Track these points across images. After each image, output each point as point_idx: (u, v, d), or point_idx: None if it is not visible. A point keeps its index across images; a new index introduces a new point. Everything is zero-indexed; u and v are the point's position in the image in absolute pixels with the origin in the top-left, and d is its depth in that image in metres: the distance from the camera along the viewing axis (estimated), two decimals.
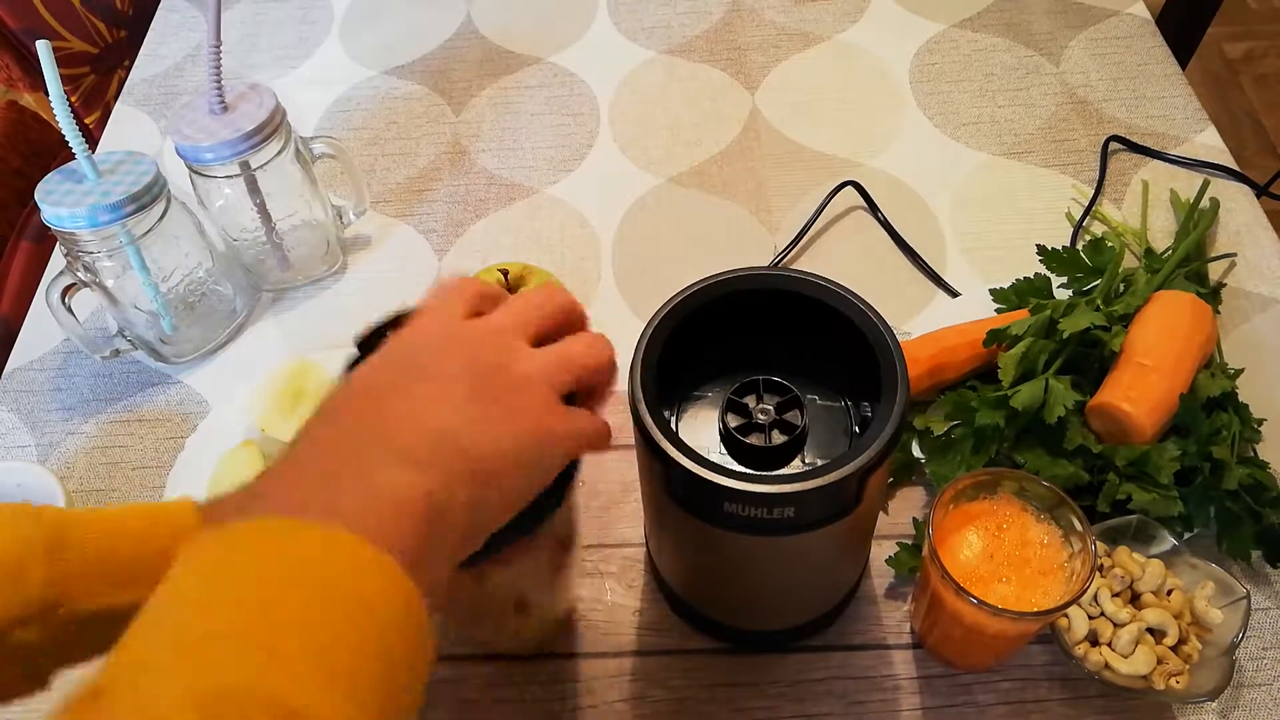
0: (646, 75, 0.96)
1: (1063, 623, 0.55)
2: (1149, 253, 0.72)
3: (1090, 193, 0.82)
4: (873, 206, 0.82)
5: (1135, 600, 0.55)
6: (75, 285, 0.67)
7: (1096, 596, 0.55)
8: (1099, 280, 0.68)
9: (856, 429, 0.51)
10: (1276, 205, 0.86)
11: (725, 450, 0.51)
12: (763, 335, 0.52)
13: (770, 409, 0.50)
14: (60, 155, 1.06)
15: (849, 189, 0.82)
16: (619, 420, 0.70)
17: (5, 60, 1.09)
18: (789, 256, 0.80)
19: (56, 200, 0.63)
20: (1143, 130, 0.87)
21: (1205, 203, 0.77)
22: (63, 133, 0.61)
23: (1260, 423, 0.63)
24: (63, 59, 1.11)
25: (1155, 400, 0.59)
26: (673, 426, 0.50)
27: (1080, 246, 0.73)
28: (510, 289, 0.72)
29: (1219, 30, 2.08)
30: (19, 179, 1.02)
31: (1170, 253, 0.71)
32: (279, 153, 0.71)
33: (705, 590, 0.57)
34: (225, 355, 0.76)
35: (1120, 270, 0.68)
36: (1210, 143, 0.85)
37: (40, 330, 0.79)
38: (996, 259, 0.78)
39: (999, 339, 0.64)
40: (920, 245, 0.79)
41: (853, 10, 1.01)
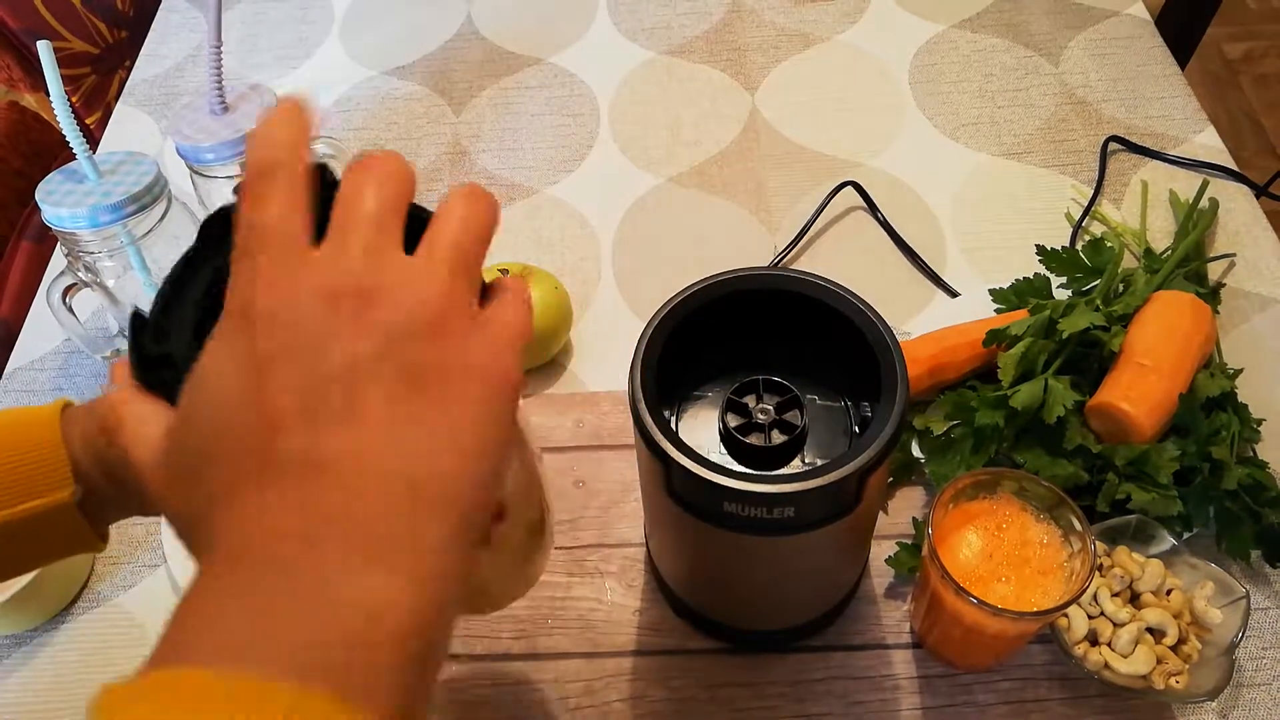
0: (646, 76, 0.96)
1: (1062, 622, 0.55)
2: (1148, 253, 0.73)
3: (1089, 193, 0.82)
4: (872, 207, 0.82)
5: (1135, 600, 0.55)
6: (76, 285, 0.67)
7: (1096, 596, 0.55)
8: (1098, 280, 0.68)
9: (856, 429, 0.51)
10: (1275, 205, 0.86)
11: (725, 450, 0.51)
12: (763, 335, 0.52)
13: (770, 409, 0.50)
14: (61, 155, 1.06)
15: (849, 189, 0.83)
16: (619, 420, 0.71)
17: (6, 60, 1.09)
18: (789, 256, 0.80)
19: (57, 200, 0.63)
20: (1142, 130, 0.87)
21: (1204, 203, 0.77)
22: (63, 133, 0.62)
23: (1259, 423, 0.63)
24: (64, 59, 1.11)
25: (1155, 400, 0.59)
26: (673, 426, 0.50)
27: (1080, 247, 0.73)
28: None
29: (1218, 30, 2.08)
30: (20, 179, 1.02)
31: (1169, 253, 0.71)
32: None
33: (705, 590, 0.57)
34: None
35: (1120, 270, 0.69)
36: (1209, 143, 0.85)
37: (41, 330, 0.79)
38: (996, 259, 0.78)
39: (998, 339, 0.64)
40: (920, 245, 0.79)
41: (852, 11, 1.01)
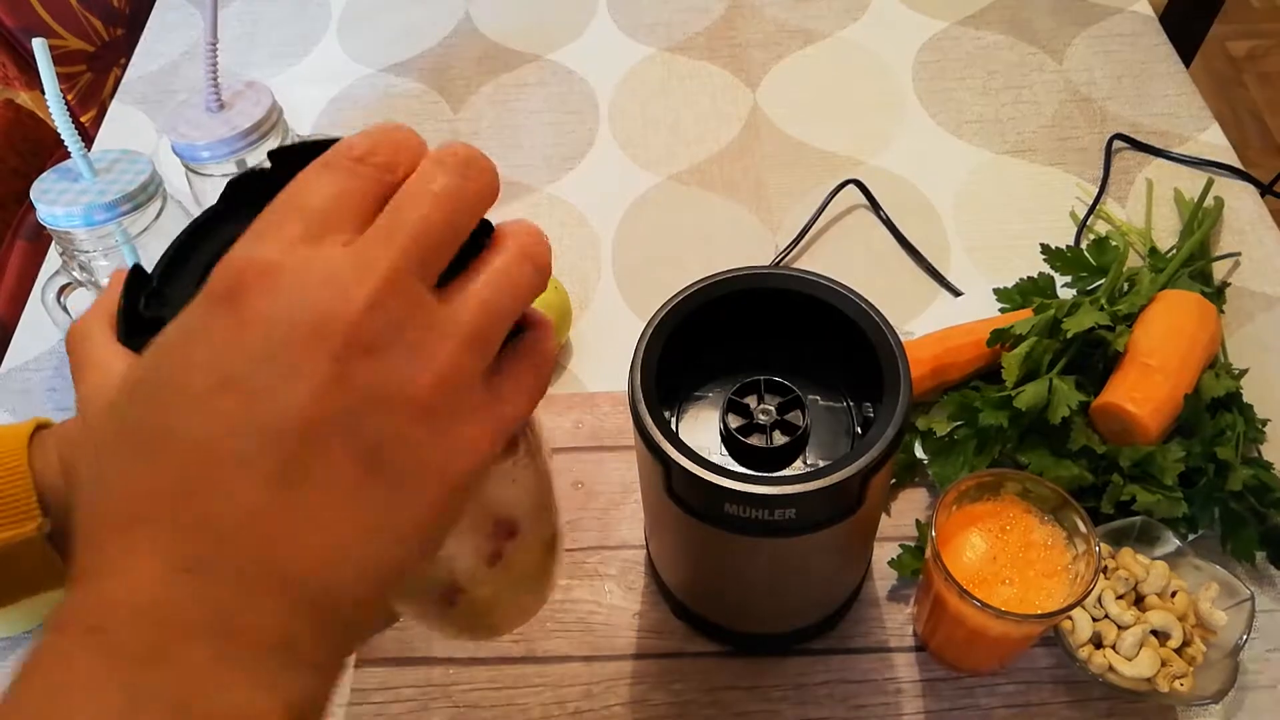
0: (646, 73, 0.96)
1: (1066, 625, 0.54)
2: (1153, 252, 0.72)
3: (1094, 191, 0.81)
4: (875, 205, 0.81)
5: (1139, 602, 0.55)
6: (71, 284, 0.67)
7: (1100, 599, 0.54)
8: (1103, 279, 0.68)
9: (859, 429, 0.51)
10: None
11: (726, 451, 0.50)
12: (763, 335, 0.51)
13: (771, 409, 0.49)
14: (56, 153, 1.06)
15: (851, 187, 0.82)
16: (619, 421, 0.70)
17: (1, 58, 1.09)
18: (790, 256, 0.79)
19: (52, 199, 0.63)
20: (1146, 128, 0.86)
21: (1209, 201, 0.76)
22: (58, 131, 0.61)
23: (1265, 423, 0.62)
24: (59, 57, 1.11)
25: (1160, 401, 0.59)
26: (673, 426, 0.50)
27: (1084, 245, 0.73)
28: None
29: (1223, 28, 2.07)
30: (15, 177, 1.01)
31: (1174, 252, 0.71)
32: None
33: (706, 593, 0.57)
34: None
35: (1124, 269, 0.68)
36: (1214, 141, 0.85)
37: (36, 330, 0.79)
38: (1000, 258, 0.78)
39: (1002, 339, 0.63)
40: (923, 244, 0.79)
41: (854, 7, 1.00)
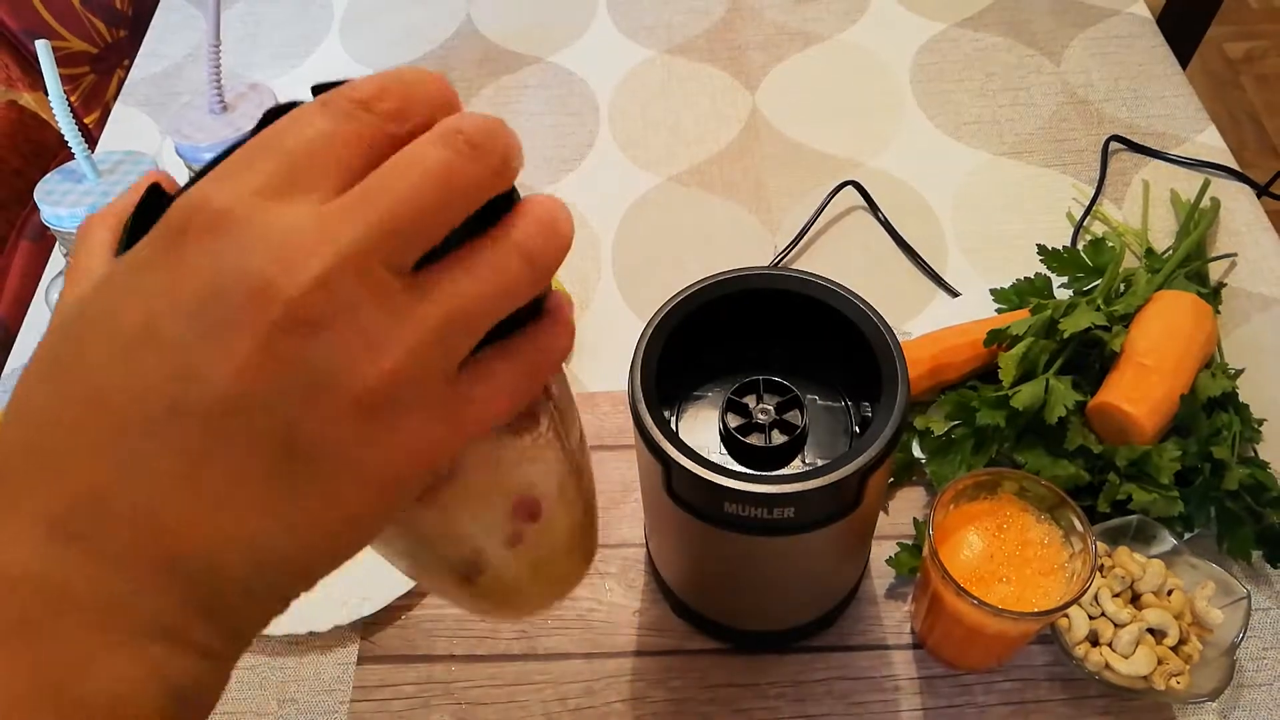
0: (646, 75, 0.96)
1: (1063, 623, 0.55)
2: (1150, 253, 0.72)
3: (1091, 192, 0.81)
4: (873, 206, 0.82)
5: (1136, 600, 0.55)
6: None
7: (1097, 597, 0.55)
8: (1099, 280, 0.68)
9: (857, 429, 0.51)
10: (1277, 205, 0.86)
11: (725, 450, 0.51)
12: (763, 335, 0.52)
13: (770, 409, 0.50)
14: (60, 155, 1.06)
15: (849, 189, 0.82)
16: (619, 420, 0.70)
17: (5, 60, 1.09)
18: (789, 256, 0.79)
19: (56, 200, 0.63)
20: (1143, 130, 0.87)
21: (1206, 202, 0.77)
22: (62, 132, 0.61)
23: (1261, 423, 0.62)
24: (62, 59, 1.11)
25: (1156, 400, 0.59)
26: (673, 426, 0.50)
27: (1081, 246, 0.73)
28: None
29: (1220, 30, 2.08)
30: (18, 179, 1.02)
31: (1171, 253, 0.71)
32: None
33: (705, 591, 0.57)
34: None
35: (1121, 270, 0.68)
36: (1211, 142, 0.85)
37: (40, 331, 0.79)
38: (997, 259, 0.78)
39: (999, 339, 0.64)
40: (920, 245, 0.79)
41: (853, 9, 1.00)
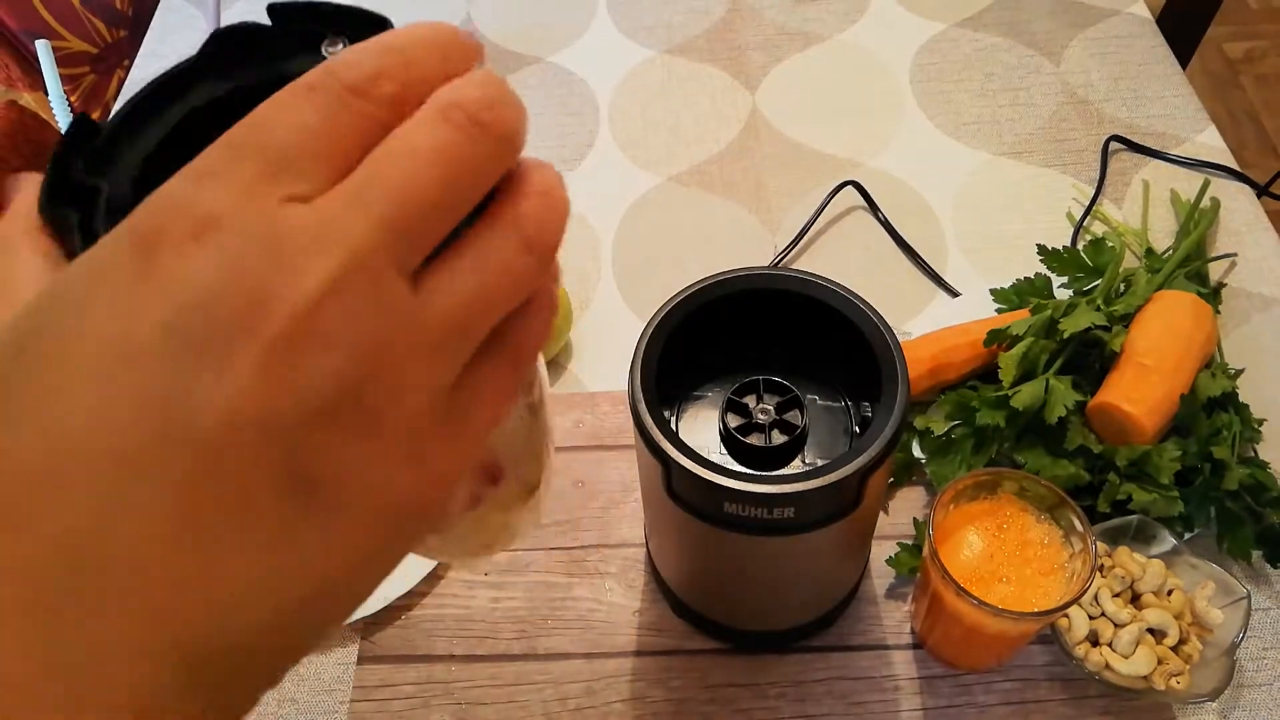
0: (646, 75, 0.96)
1: (1063, 623, 0.55)
2: (1149, 253, 0.72)
3: (1091, 192, 0.81)
4: (873, 206, 0.82)
5: (1136, 600, 0.55)
6: None
7: (1097, 597, 0.55)
8: (1099, 280, 0.68)
9: (857, 429, 0.51)
10: (1277, 205, 0.86)
11: (725, 450, 0.51)
12: (763, 335, 0.52)
13: (770, 409, 0.50)
14: None
15: (849, 189, 0.82)
16: (619, 421, 0.70)
17: (5, 60, 1.09)
18: (789, 256, 0.79)
19: None
20: (1143, 130, 0.87)
21: (1206, 202, 0.77)
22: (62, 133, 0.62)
23: (1261, 423, 0.62)
24: (62, 59, 1.11)
25: (1156, 400, 0.59)
26: (673, 426, 0.50)
27: (1081, 246, 0.73)
28: None
29: (1219, 30, 2.08)
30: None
31: (1171, 253, 0.71)
32: None
33: (705, 591, 0.57)
34: None
35: (1121, 270, 0.68)
36: (1211, 142, 0.85)
37: None
38: (997, 259, 0.78)
39: (999, 339, 0.64)
40: (920, 245, 0.79)
41: (853, 10, 1.01)
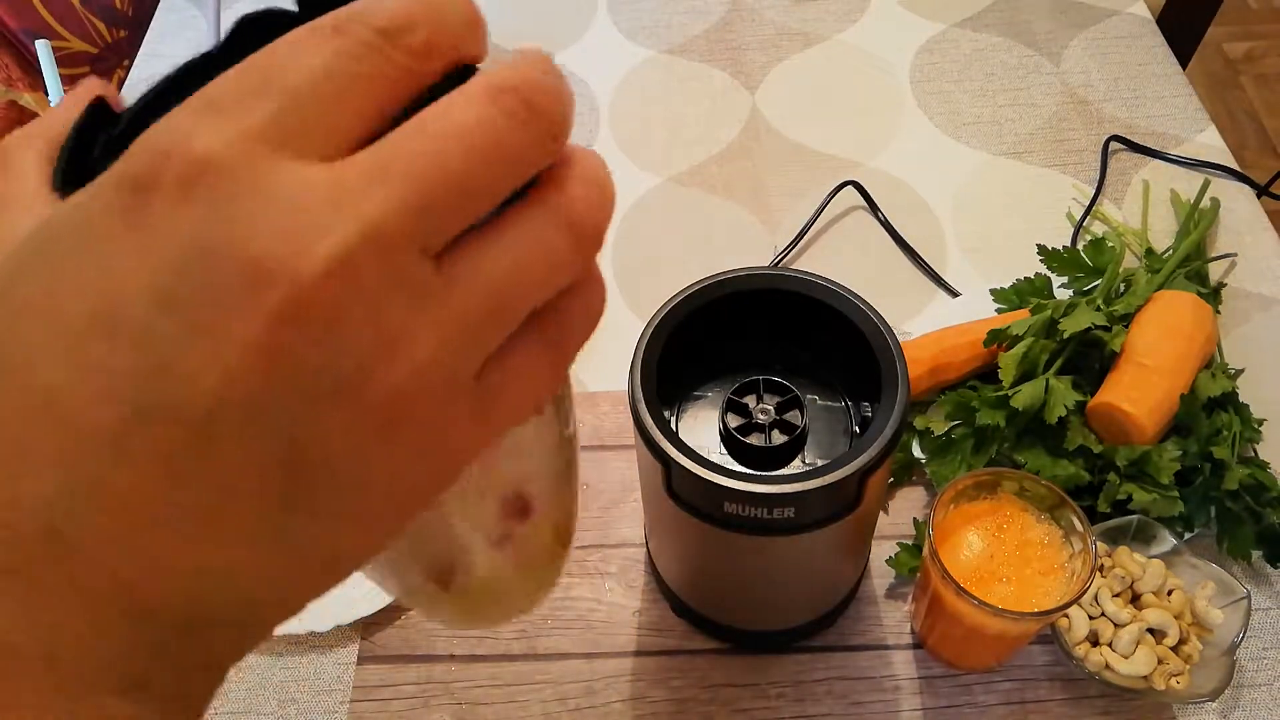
0: (646, 75, 0.96)
1: (1063, 623, 0.55)
2: (1149, 253, 0.72)
3: (1091, 192, 0.81)
4: (873, 206, 0.82)
5: (1136, 600, 0.55)
6: None
7: (1097, 597, 0.55)
8: (1099, 280, 0.68)
9: (857, 429, 0.51)
10: (1277, 205, 0.86)
11: (725, 450, 0.51)
12: (763, 335, 0.52)
13: (770, 409, 0.50)
14: None
15: (849, 189, 0.82)
16: (619, 420, 0.70)
17: (5, 60, 1.09)
18: (789, 256, 0.79)
19: None
20: (1143, 130, 0.87)
21: (1206, 202, 0.77)
22: None
23: (1261, 423, 0.62)
24: (62, 59, 1.11)
25: (1156, 400, 0.59)
26: (673, 426, 0.50)
27: (1081, 246, 0.73)
28: None
29: (1219, 30, 2.08)
30: None
31: (1171, 253, 0.71)
32: None
33: (705, 591, 0.57)
34: None
35: (1121, 270, 0.68)
36: (1211, 142, 0.85)
37: None
38: (997, 259, 0.78)
39: (999, 339, 0.64)
40: (920, 245, 0.79)
41: (853, 10, 1.01)
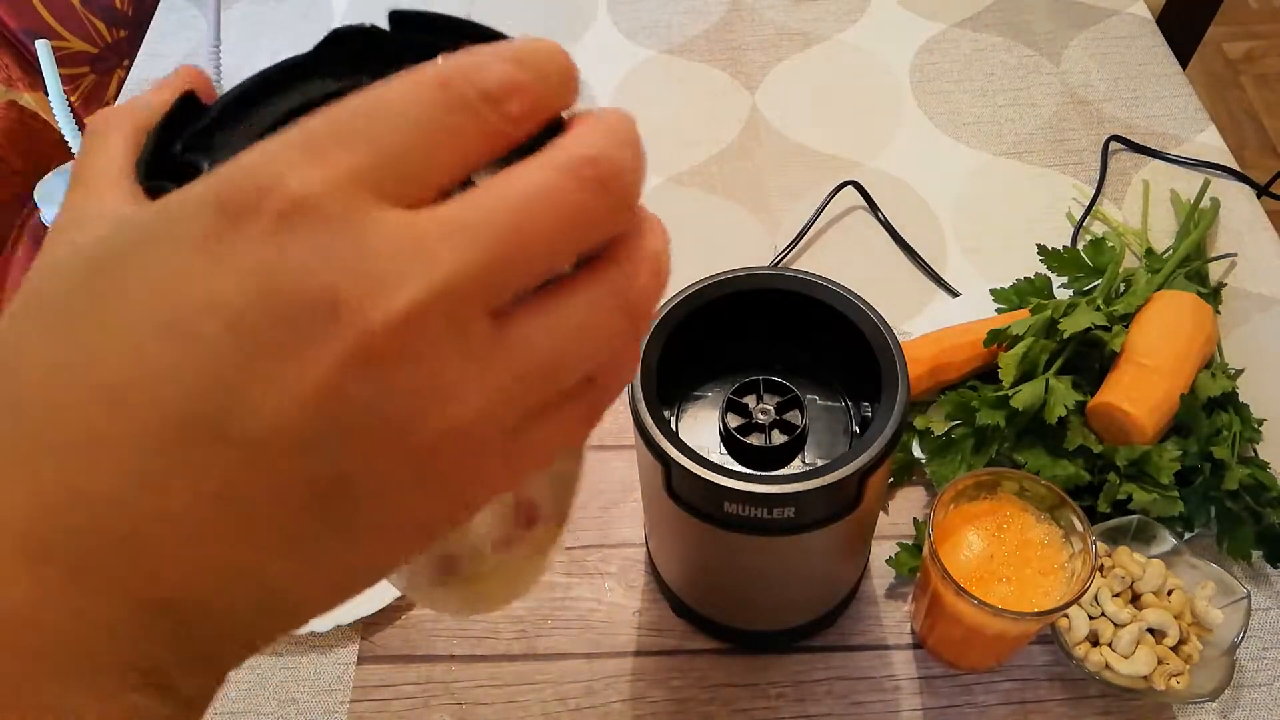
0: (646, 75, 0.96)
1: (1063, 623, 0.55)
2: (1149, 253, 0.72)
3: (1091, 192, 0.81)
4: (873, 206, 0.82)
5: (1136, 600, 0.55)
6: None
7: (1097, 597, 0.55)
8: (1099, 280, 0.68)
9: (857, 429, 0.51)
10: (1277, 205, 0.86)
11: (725, 450, 0.51)
12: (763, 335, 0.52)
13: (770, 409, 0.50)
14: (60, 155, 1.06)
15: (849, 189, 0.82)
16: (620, 422, 0.70)
17: (5, 60, 1.09)
18: (789, 256, 0.79)
19: (56, 200, 0.63)
20: (1143, 130, 0.87)
21: (1206, 202, 0.77)
22: (62, 133, 0.62)
23: (1261, 423, 0.62)
24: (62, 59, 1.11)
25: (1156, 400, 0.59)
26: (673, 426, 0.50)
27: (1081, 246, 0.73)
28: None
29: (1219, 30, 2.08)
30: (18, 179, 1.02)
31: (1171, 252, 0.71)
32: None
33: (705, 591, 0.57)
34: None
35: (1121, 270, 0.68)
36: (1211, 142, 0.85)
37: None
38: (997, 259, 0.78)
39: (999, 339, 0.64)
40: (920, 245, 0.79)
41: (853, 10, 1.00)
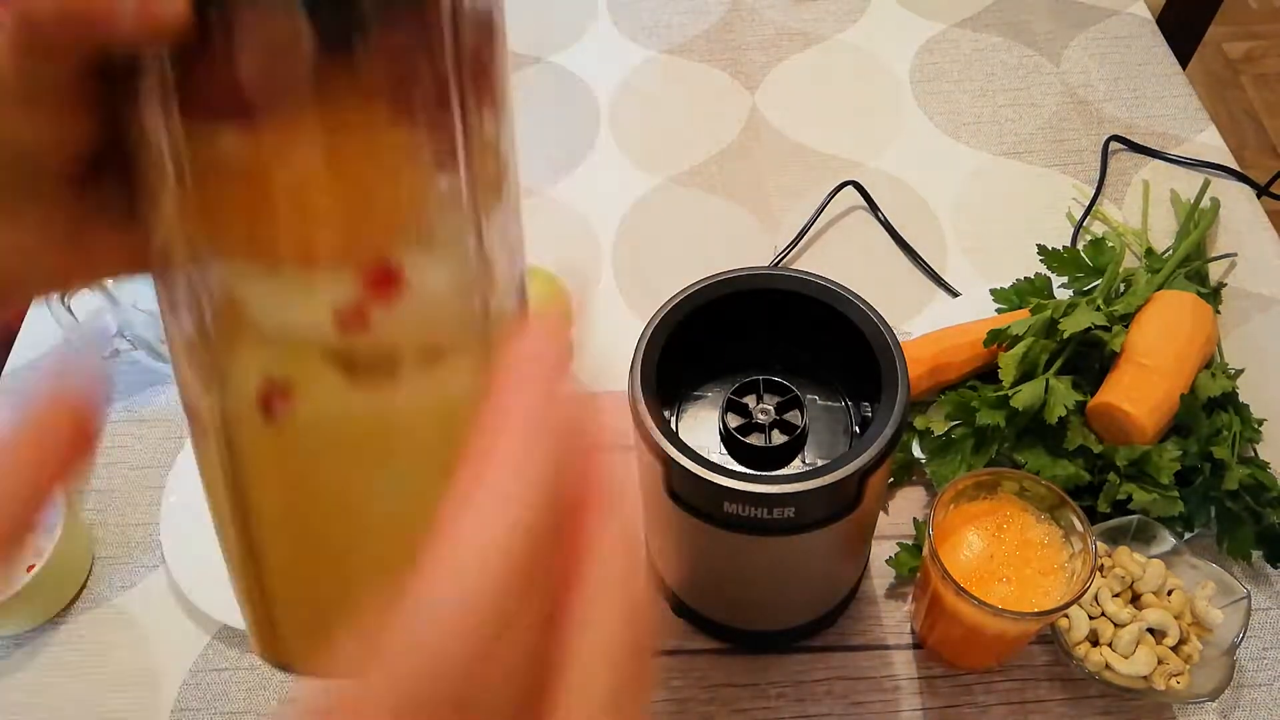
0: (646, 75, 0.96)
1: (1063, 623, 0.55)
2: (1149, 253, 0.72)
3: (1091, 192, 0.81)
4: (873, 206, 0.82)
5: (1136, 600, 0.55)
6: None
7: (1097, 597, 0.55)
8: (1099, 280, 0.68)
9: (857, 429, 0.51)
10: (1277, 205, 0.86)
11: (725, 450, 0.51)
12: (763, 335, 0.52)
13: (770, 409, 0.50)
14: None
15: (849, 189, 0.82)
16: (619, 421, 0.70)
17: None
18: (789, 256, 0.79)
19: None
20: (1143, 130, 0.87)
21: (1206, 202, 0.77)
22: None
23: (1261, 423, 0.62)
24: None
25: (1156, 400, 0.59)
26: (673, 426, 0.50)
27: (1081, 246, 0.73)
28: None
29: (1219, 30, 2.08)
30: None
31: (1171, 253, 0.71)
32: None
33: (705, 590, 0.57)
34: None
35: (1121, 270, 0.68)
36: (1211, 142, 0.85)
37: (39, 330, 0.79)
38: (997, 259, 0.78)
39: (999, 339, 0.64)
40: (920, 245, 0.79)
41: (853, 10, 1.00)
